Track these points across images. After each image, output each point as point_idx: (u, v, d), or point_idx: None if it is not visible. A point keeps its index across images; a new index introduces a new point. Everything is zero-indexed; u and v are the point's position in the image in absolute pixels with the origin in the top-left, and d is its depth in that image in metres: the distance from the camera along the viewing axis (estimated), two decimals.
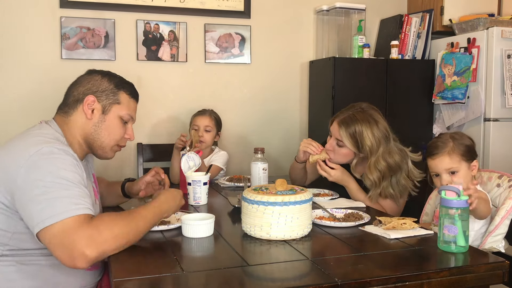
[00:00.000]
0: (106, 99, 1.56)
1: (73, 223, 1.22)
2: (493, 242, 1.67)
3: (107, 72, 1.63)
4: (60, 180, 1.28)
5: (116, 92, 1.58)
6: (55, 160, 1.31)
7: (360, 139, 1.93)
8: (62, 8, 2.84)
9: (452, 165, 1.73)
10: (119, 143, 1.62)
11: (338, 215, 1.71)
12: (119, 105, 1.58)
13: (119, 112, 1.58)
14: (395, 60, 3.15)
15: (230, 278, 1.17)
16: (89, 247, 1.20)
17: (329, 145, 2.05)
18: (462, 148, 1.74)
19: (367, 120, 1.95)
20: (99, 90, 1.55)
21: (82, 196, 1.29)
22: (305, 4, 3.31)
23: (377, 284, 1.16)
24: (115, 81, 1.59)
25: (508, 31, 2.87)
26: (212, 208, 1.91)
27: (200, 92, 3.13)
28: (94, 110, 1.54)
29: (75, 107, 1.54)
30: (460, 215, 1.35)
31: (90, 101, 1.53)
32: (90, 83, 1.56)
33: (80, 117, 1.54)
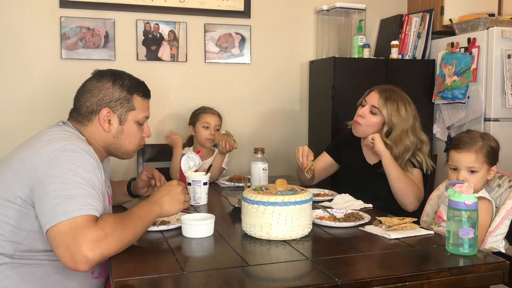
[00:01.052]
0: (121, 108, 1.54)
1: (81, 222, 1.21)
2: (493, 242, 1.67)
3: (116, 74, 1.58)
4: (77, 178, 1.28)
5: (129, 98, 1.55)
6: (76, 158, 1.32)
7: (396, 110, 2.08)
8: (62, 8, 2.83)
9: (475, 164, 1.70)
10: (140, 144, 1.64)
11: (338, 215, 1.71)
12: (135, 110, 1.57)
13: (135, 118, 1.57)
14: (395, 60, 3.15)
15: (230, 278, 1.17)
16: (92, 250, 1.20)
17: (362, 112, 2.14)
18: (488, 150, 1.71)
19: (404, 97, 2.15)
20: (112, 100, 1.53)
21: (94, 197, 1.29)
22: (305, 4, 3.30)
23: (377, 284, 1.16)
24: (127, 87, 1.55)
25: (508, 31, 2.87)
26: (212, 208, 1.91)
27: (200, 92, 3.13)
28: (111, 120, 1.53)
29: (90, 119, 1.53)
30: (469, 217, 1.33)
31: (105, 113, 1.52)
32: (102, 93, 1.52)
33: (97, 129, 1.53)
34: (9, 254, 1.34)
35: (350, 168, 2.26)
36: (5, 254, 1.33)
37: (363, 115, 2.13)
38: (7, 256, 1.34)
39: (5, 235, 1.33)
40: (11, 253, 1.34)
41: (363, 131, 2.15)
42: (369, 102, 2.14)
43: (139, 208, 1.41)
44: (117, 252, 1.27)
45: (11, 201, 1.32)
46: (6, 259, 1.33)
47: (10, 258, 1.34)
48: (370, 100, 2.14)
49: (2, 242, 1.33)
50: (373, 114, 2.12)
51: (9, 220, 1.32)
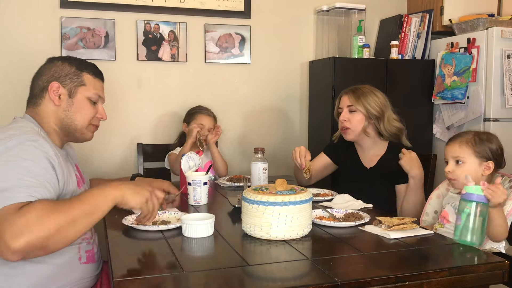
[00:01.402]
0: (71, 83, 1.57)
1: (6, 211, 1.21)
2: (494, 242, 1.67)
3: (67, 56, 1.64)
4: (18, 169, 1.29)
5: (79, 74, 1.59)
6: (19, 151, 1.33)
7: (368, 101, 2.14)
8: (62, 8, 2.84)
9: (458, 154, 1.71)
10: (93, 122, 1.64)
11: (338, 215, 1.72)
12: (85, 86, 1.59)
13: (86, 93, 1.59)
14: (395, 60, 3.15)
15: (230, 278, 1.17)
16: (14, 239, 1.17)
17: (342, 116, 2.19)
18: (478, 144, 1.71)
19: (370, 87, 2.22)
20: (62, 75, 1.57)
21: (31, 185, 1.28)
22: (305, 4, 3.31)
23: (377, 284, 1.16)
24: (76, 64, 1.60)
25: (508, 31, 2.87)
26: (212, 208, 1.91)
27: (200, 92, 3.13)
28: (61, 95, 1.56)
29: (42, 96, 1.56)
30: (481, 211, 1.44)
31: (55, 87, 1.55)
32: (52, 70, 1.57)
33: (49, 105, 1.55)
34: None
35: (347, 171, 2.28)
36: None
37: (346, 118, 2.18)
38: None
39: None
40: None
41: (355, 133, 2.17)
42: (344, 105, 2.20)
43: (86, 192, 1.38)
44: (47, 238, 1.21)
45: None
46: None
47: None
48: (343, 104, 2.21)
49: None
50: (353, 112, 2.16)
51: None
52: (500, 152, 1.74)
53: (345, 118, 2.18)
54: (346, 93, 2.22)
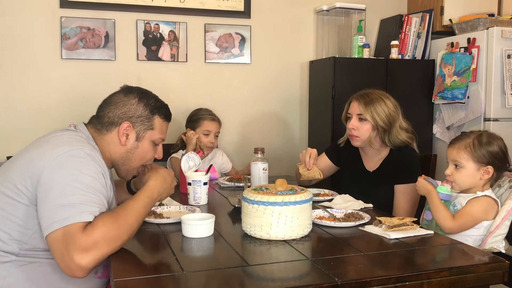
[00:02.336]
0: (141, 125, 1.56)
1: (73, 230, 1.22)
2: (494, 242, 1.67)
3: (143, 92, 1.61)
4: (78, 184, 1.29)
5: (150, 118, 1.58)
6: (80, 164, 1.33)
7: (377, 111, 2.09)
8: (62, 8, 2.84)
9: (456, 158, 1.72)
10: (146, 163, 1.65)
11: (338, 215, 1.71)
12: (153, 130, 1.59)
13: (152, 137, 1.59)
14: (395, 60, 3.15)
15: (230, 278, 1.17)
16: (84, 258, 1.20)
17: (352, 124, 2.15)
18: (477, 149, 1.70)
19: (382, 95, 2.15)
20: (134, 115, 1.55)
21: (93, 201, 1.30)
22: (305, 4, 3.31)
23: (377, 284, 1.16)
24: (151, 106, 1.58)
25: (508, 31, 2.87)
26: (212, 208, 1.91)
27: (200, 92, 3.13)
28: (129, 136, 1.55)
29: (109, 130, 1.54)
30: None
31: (126, 127, 1.54)
32: (126, 107, 1.55)
33: (113, 140, 1.55)
34: (15, 253, 1.34)
35: (350, 174, 2.26)
36: (11, 252, 1.34)
37: (355, 127, 2.13)
38: (12, 254, 1.34)
39: (12, 234, 1.34)
40: (16, 251, 1.35)
41: (363, 141, 2.14)
42: (353, 112, 2.15)
43: (137, 202, 1.41)
44: (112, 252, 1.28)
45: (18, 200, 1.33)
46: (12, 257, 1.34)
47: (16, 256, 1.35)
48: (353, 111, 2.15)
49: (8, 241, 1.34)
50: (363, 120, 2.12)
51: (17, 220, 1.34)
52: (502, 155, 1.72)
53: (354, 127, 2.13)
54: (357, 99, 2.15)
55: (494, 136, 1.76)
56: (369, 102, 2.11)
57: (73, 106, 2.88)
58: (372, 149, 2.17)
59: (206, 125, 2.68)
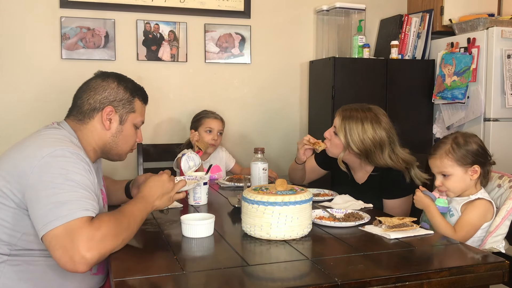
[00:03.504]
0: (123, 109, 1.56)
1: (76, 224, 1.22)
2: (494, 242, 1.67)
3: (120, 76, 1.61)
4: (69, 182, 1.29)
5: (131, 100, 1.58)
6: (67, 163, 1.33)
7: (351, 132, 1.96)
8: (62, 8, 2.84)
9: (442, 169, 1.72)
10: (133, 147, 1.66)
11: (338, 215, 1.71)
12: (134, 113, 1.59)
13: (134, 120, 1.60)
14: (395, 60, 3.15)
15: (230, 278, 1.17)
16: (90, 250, 1.20)
17: (326, 133, 2.11)
18: (458, 152, 1.69)
19: (367, 118, 1.96)
20: (116, 99, 1.55)
21: (88, 198, 1.30)
22: (305, 4, 3.31)
23: (377, 284, 1.16)
24: (130, 89, 1.59)
25: (508, 31, 2.87)
26: (212, 208, 1.91)
27: (200, 92, 3.13)
28: (112, 120, 1.55)
29: (91, 116, 1.53)
30: None
31: (108, 111, 1.53)
32: (107, 92, 1.54)
33: (96, 126, 1.54)
34: (6, 253, 1.34)
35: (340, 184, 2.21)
36: (2, 253, 1.34)
37: (327, 136, 2.09)
38: (4, 254, 1.34)
39: (1, 237, 1.34)
40: (7, 252, 1.34)
41: (331, 152, 2.09)
42: (334, 122, 2.07)
43: (132, 206, 1.41)
44: (114, 250, 1.28)
45: (6, 204, 1.32)
46: (4, 257, 1.34)
47: (8, 256, 1.34)
48: (334, 121, 2.07)
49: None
50: (336, 134, 2.04)
51: (4, 222, 1.33)
52: (482, 151, 1.73)
53: (327, 135, 2.09)
54: (341, 111, 2.04)
55: (468, 135, 1.76)
56: (347, 118, 1.98)
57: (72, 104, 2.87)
58: (355, 164, 2.09)
59: (208, 122, 2.68)
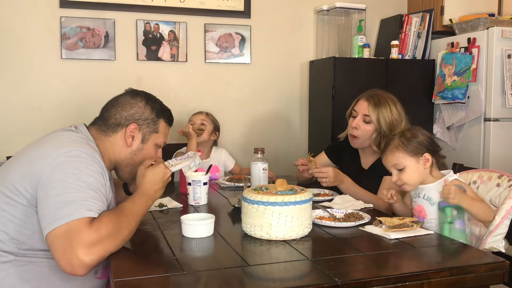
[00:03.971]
0: (147, 128, 1.58)
1: (77, 225, 1.22)
2: (493, 242, 1.67)
3: (150, 96, 1.63)
4: (80, 183, 1.30)
5: (156, 121, 1.60)
6: (80, 164, 1.34)
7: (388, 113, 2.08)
8: (62, 8, 2.84)
9: (394, 161, 1.74)
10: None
11: (338, 215, 1.71)
12: (157, 134, 1.61)
13: (156, 140, 1.61)
14: (395, 60, 3.15)
15: (230, 278, 1.17)
16: (88, 254, 1.20)
17: (355, 123, 2.14)
18: (406, 143, 1.73)
19: (389, 98, 2.14)
20: (141, 118, 1.57)
21: (94, 198, 1.30)
22: (305, 4, 3.30)
23: (377, 284, 1.16)
24: (157, 110, 1.61)
25: (508, 31, 2.87)
26: (212, 208, 1.91)
27: (200, 92, 3.13)
28: (135, 138, 1.56)
29: (115, 130, 1.55)
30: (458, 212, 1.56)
31: (132, 129, 1.55)
32: (134, 109, 1.57)
33: (119, 141, 1.55)
34: (13, 252, 1.34)
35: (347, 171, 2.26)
36: (9, 252, 1.34)
37: (357, 126, 2.13)
38: (11, 254, 1.34)
39: (10, 234, 1.34)
40: (15, 251, 1.34)
41: (362, 143, 2.15)
42: (360, 111, 2.13)
43: (132, 203, 1.42)
44: (114, 250, 1.28)
45: (17, 200, 1.33)
46: (11, 256, 1.34)
47: (15, 256, 1.34)
48: (360, 109, 2.14)
49: (7, 241, 1.34)
50: (366, 123, 2.11)
51: (15, 219, 1.34)
52: (430, 141, 1.77)
53: (357, 126, 2.13)
54: (366, 99, 2.14)
55: (414, 128, 1.82)
56: (377, 104, 2.10)
57: (73, 106, 2.88)
58: (371, 149, 2.17)
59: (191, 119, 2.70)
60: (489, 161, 2.87)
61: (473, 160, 2.93)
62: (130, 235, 1.35)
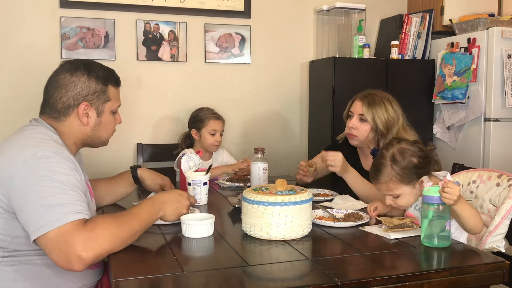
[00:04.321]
0: (98, 101, 1.53)
1: (69, 228, 1.22)
2: (493, 242, 1.67)
3: (88, 65, 1.54)
4: (56, 184, 1.27)
5: (105, 90, 1.54)
6: (51, 164, 1.31)
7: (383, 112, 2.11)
8: (62, 8, 2.84)
9: (390, 192, 1.62)
10: (113, 131, 1.66)
11: (338, 215, 1.71)
12: (110, 101, 1.57)
13: (111, 108, 1.58)
14: (395, 60, 3.15)
15: (230, 278, 1.17)
16: (85, 250, 1.20)
17: (352, 123, 2.17)
18: (400, 173, 1.58)
19: (385, 97, 2.16)
20: (89, 93, 1.51)
21: (78, 199, 1.29)
22: (305, 4, 3.31)
23: (377, 284, 1.16)
24: (101, 78, 1.53)
25: (508, 31, 2.87)
26: (212, 208, 1.91)
27: (200, 92, 3.13)
28: (89, 115, 1.52)
29: (67, 114, 1.50)
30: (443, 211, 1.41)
31: (84, 108, 1.50)
32: (79, 87, 1.49)
33: (74, 123, 1.51)
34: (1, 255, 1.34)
35: None
36: None
37: (354, 126, 2.17)
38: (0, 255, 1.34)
39: None
40: (1, 255, 1.34)
41: (361, 141, 2.18)
42: (355, 111, 2.18)
43: (140, 208, 1.42)
44: (112, 251, 1.28)
45: None
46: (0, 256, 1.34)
47: (2, 258, 1.34)
48: (355, 110, 2.18)
49: None
50: (363, 121, 2.15)
51: None
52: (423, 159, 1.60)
53: (354, 126, 2.17)
54: (361, 99, 2.18)
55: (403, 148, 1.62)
56: (372, 103, 2.13)
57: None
58: (370, 149, 2.19)
59: (212, 124, 2.67)
60: (489, 161, 2.87)
61: (473, 160, 2.93)
62: (132, 237, 1.34)
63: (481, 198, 1.84)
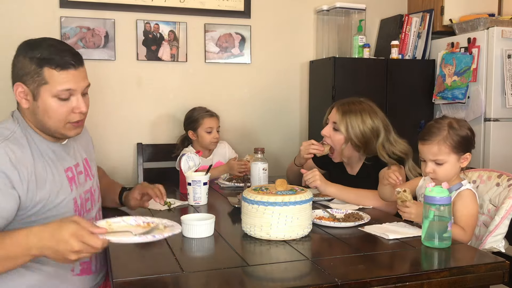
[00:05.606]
0: (33, 83, 1.38)
1: None
2: (493, 242, 1.67)
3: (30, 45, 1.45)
4: None
5: (39, 71, 1.38)
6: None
7: (352, 123, 2.00)
8: (62, 8, 2.83)
9: (438, 156, 1.62)
10: (71, 120, 1.43)
11: (338, 215, 1.71)
12: (47, 84, 1.38)
13: (50, 92, 1.38)
14: (395, 60, 3.15)
15: (230, 278, 1.17)
16: None
17: (325, 131, 2.10)
18: (455, 139, 1.61)
19: (364, 110, 2.03)
20: (24, 74, 1.39)
21: None
22: (305, 4, 3.30)
23: (377, 284, 1.16)
24: (37, 59, 1.39)
25: (509, 31, 2.87)
26: (212, 208, 1.91)
27: (200, 92, 3.13)
28: (27, 97, 1.40)
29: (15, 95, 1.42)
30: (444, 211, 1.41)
31: (20, 89, 1.40)
32: (17, 66, 1.41)
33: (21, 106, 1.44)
34: None
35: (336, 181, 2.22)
36: None
37: (327, 134, 2.09)
38: None
39: None
40: None
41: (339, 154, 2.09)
42: (330, 119, 2.10)
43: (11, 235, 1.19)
44: None
45: None
46: None
47: None
48: (330, 117, 2.10)
49: None
50: (336, 130, 2.06)
51: None
52: (471, 135, 1.66)
53: (326, 133, 2.10)
54: (337, 107, 2.08)
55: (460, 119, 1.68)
56: (347, 112, 2.03)
57: None
58: (353, 159, 2.12)
59: (207, 122, 2.69)
60: (489, 161, 2.88)
61: (473, 160, 2.91)
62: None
63: (481, 198, 1.84)
